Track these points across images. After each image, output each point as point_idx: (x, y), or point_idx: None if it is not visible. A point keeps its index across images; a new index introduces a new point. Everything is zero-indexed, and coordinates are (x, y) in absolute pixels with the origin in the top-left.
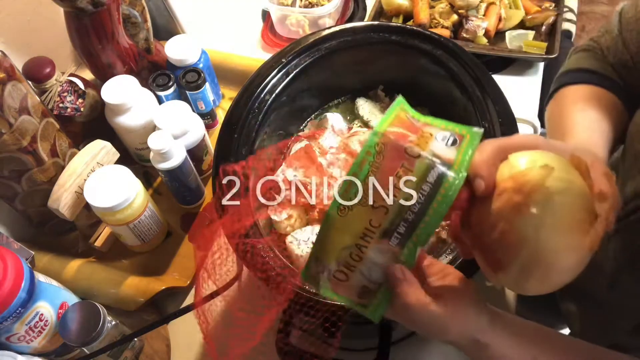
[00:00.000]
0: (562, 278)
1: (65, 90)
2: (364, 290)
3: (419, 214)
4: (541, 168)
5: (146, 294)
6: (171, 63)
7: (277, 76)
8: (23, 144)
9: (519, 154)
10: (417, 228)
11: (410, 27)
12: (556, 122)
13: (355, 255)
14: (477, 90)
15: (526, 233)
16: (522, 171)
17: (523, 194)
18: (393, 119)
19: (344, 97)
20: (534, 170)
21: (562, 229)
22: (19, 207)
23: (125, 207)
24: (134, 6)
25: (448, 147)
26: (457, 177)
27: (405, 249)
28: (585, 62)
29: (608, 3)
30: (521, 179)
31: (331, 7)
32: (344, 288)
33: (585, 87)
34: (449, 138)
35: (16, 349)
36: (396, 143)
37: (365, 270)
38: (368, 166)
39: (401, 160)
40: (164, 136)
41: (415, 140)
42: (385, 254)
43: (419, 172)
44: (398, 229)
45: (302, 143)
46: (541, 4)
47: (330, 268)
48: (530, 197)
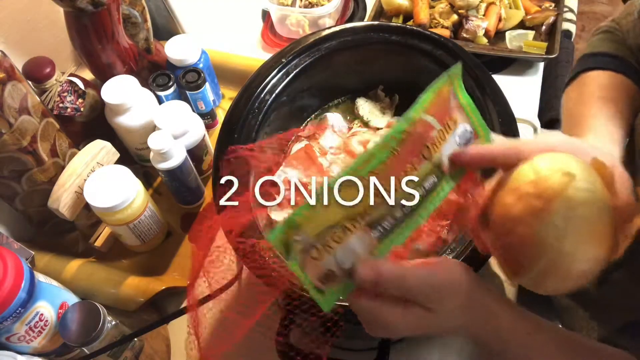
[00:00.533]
0: (578, 283)
1: (65, 90)
2: (328, 275)
3: (405, 215)
4: (563, 175)
5: (146, 294)
6: (171, 63)
7: (277, 76)
8: (23, 144)
9: (542, 157)
10: (399, 227)
11: (410, 27)
12: (575, 109)
13: (337, 237)
14: (477, 90)
15: (546, 240)
16: (544, 176)
17: (544, 200)
18: (433, 98)
19: (344, 97)
20: (555, 176)
21: (582, 240)
22: (19, 207)
23: (125, 207)
24: (134, 6)
25: (459, 147)
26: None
27: (382, 244)
28: (605, 45)
29: (608, 3)
30: (542, 184)
31: (331, 7)
32: (311, 266)
33: (605, 73)
34: (467, 136)
35: (16, 349)
36: (418, 138)
37: (339, 254)
38: (388, 152)
39: (413, 157)
40: (164, 136)
41: (436, 136)
42: (363, 244)
43: (421, 174)
44: (384, 223)
45: (302, 143)
46: (541, 4)
47: (309, 241)
48: (551, 204)
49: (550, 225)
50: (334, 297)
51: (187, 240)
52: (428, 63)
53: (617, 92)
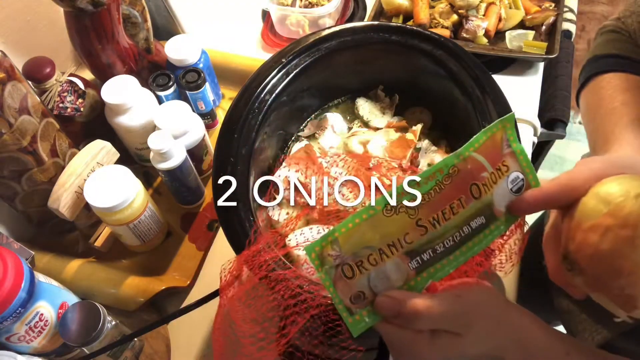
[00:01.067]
0: None
1: (65, 90)
2: (359, 296)
3: (447, 251)
4: (636, 197)
5: (146, 294)
6: (171, 63)
7: (277, 76)
8: (23, 144)
9: (604, 186)
10: (438, 263)
11: (410, 27)
12: (598, 119)
13: (373, 259)
14: (477, 90)
15: None
16: (618, 204)
17: (630, 227)
18: (485, 140)
19: (344, 97)
20: (629, 201)
21: None
22: (19, 207)
23: (125, 207)
24: (134, 6)
25: (509, 194)
26: (491, 233)
27: (420, 277)
28: (615, 46)
29: (608, 3)
30: (620, 213)
31: (331, 7)
32: (343, 284)
33: (620, 76)
34: (519, 183)
35: (16, 349)
36: (467, 175)
37: (374, 277)
38: (433, 183)
39: (462, 194)
40: (164, 136)
41: (487, 177)
42: (400, 272)
43: (469, 212)
44: (423, 255)
45: (302, 143)
46: (541, 4)
47: (344, 258)
48: (639, 229)
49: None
50: (363, 323)
51: (187, 240)
52: (428, 63)
53: (636, 94)
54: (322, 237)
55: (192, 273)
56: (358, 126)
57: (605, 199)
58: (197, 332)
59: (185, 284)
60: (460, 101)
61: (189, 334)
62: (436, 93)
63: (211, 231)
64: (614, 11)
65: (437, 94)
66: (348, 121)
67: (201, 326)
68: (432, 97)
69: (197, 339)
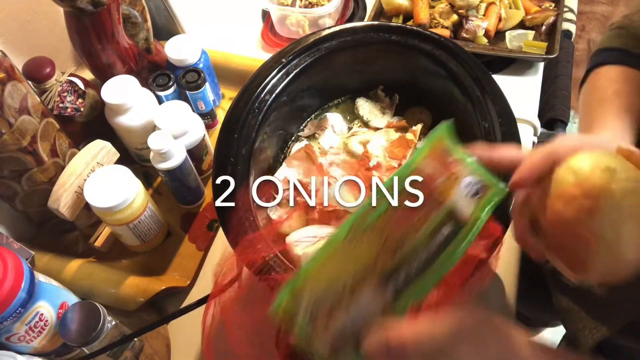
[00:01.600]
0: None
1: (65, 90)
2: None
3: (422, 267)
4: (602, 171)
5: (146, 294)
6: (171, 63)
7: (277, 76)
8: (23, 144)
9: (576, 159)
10: (415, 281)
11: (410, 27)
12: (589, 106)
13: (347, 297)
14: (477, 90)
15: (604, 234)
16: (585, 177)
17: (592, 198)
18: (428, 152)
19: (344, 97)
20: (595, 174)
21: (635, 225)
22: (19, 207)
23: (125, 207)
24: (134, 6)
25: (468, 198)
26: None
27: (399, 300)
28: (618, 41)
29: (608, 3)
30: (587, 184)
31: (331, 7)
32: (321, 332)
33: (617, 68)
34: (473, 187)
35: (16, 349)
36: (423, 187)
37: (351, 315)
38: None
39: (422, 207)
40: (164, 136)
41: (441, 185)
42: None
43: (433, 224)
44: (398, 277)
45: (302, 143)
46: (541, 4)
47: (316, 304)
48: (600, 201)
49: (604, 219)
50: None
51: (187, 240)
52: (428, 63)
53: (628, 85)
54: (286, 289)
55: (192, 273)
56: (358, 126)
57: (575, 171)
58: (197, 332)
59: (185, 284)
60: (460, 101)
61: (189, 334)
62: (436, 93)
63: (211, 231)
64: (614, 11)
65: (437, 94)
66: (348, 121)
67: (201, 326)
68: (432, 97)
69: (197, 339)
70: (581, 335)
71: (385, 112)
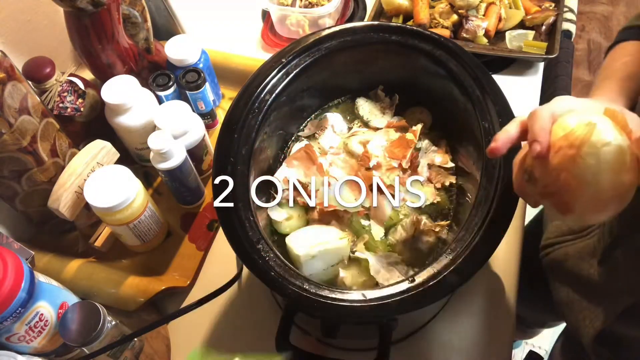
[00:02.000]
0: (616, 208)
1: (65, 90)
2: None
3: None
4: (586, 126)
5: (146, 294)
6: (171, 63)
7: (277, 76)
8: (23, 144)
9: (566, 117)
10: None
11: (410, 27)
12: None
13: None
14: (477, 90)
15: (585, 179)
16: (572, 130)
17: (575, 148)
18: None
19: (344, 97)
20: (580, 127)
21: (612, 171)
22: (19, 207)
23: (125, 207)
24: (134, 6)
25: None
26: None
27: None
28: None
29: (608, 3)
30: (572, 136)
31: (331, 7)
32: None
33: (635, 42)
34: None
35: (16, 349)
36: None
37: None
38: None
39: None
40: (164, 136)
41: None
42: None
43: None
44: None
45: (302, 143)
46: (541, 4)
47: None
48: (582, 150)
49: (586, 165)
50: None
51: (187, 240)
52: (428, 63)
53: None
54: None
55: (192, 273)
56: (358, 126)
57: (562, 126)
58: (197, 332)
59: (185, 284)
60: (460, 101)
61: (189, 334)
62: (436, 93)
63: (211, 231)
64: (614, 11)
65: (437, 94)
66: (348, 121)
67: (201, 326)
68: (432, 97)
69: (197, 339)
70: (582, 325)
71: (385, 112)
